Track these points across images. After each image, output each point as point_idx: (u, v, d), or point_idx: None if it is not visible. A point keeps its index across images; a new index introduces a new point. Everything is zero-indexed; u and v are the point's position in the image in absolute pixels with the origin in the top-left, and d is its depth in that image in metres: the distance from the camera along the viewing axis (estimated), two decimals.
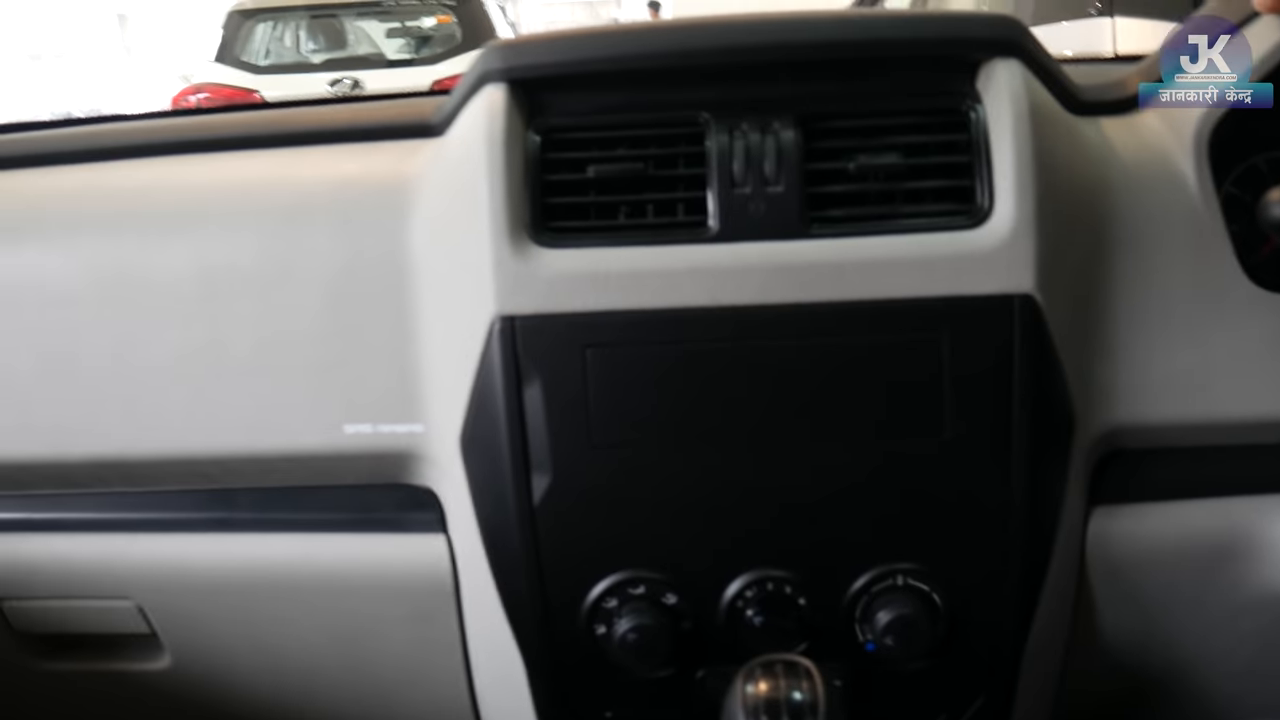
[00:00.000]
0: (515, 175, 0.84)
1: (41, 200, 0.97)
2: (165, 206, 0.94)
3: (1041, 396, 0.85)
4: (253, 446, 0.92)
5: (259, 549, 0.97)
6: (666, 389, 0.83)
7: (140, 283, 0.92)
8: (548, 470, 0.85)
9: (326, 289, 0.90)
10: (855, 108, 0.87)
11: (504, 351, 0.83)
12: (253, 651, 1.02)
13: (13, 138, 1.09)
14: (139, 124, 1.17)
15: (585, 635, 0.87)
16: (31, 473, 0.96)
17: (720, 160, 0.84)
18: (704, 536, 0.86)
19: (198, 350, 0.91)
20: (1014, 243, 0.82)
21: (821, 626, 0.87)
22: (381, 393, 0.90)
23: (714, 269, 0.82)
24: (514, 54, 0.88)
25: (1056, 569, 0.89)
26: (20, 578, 1.00)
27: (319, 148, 1.00)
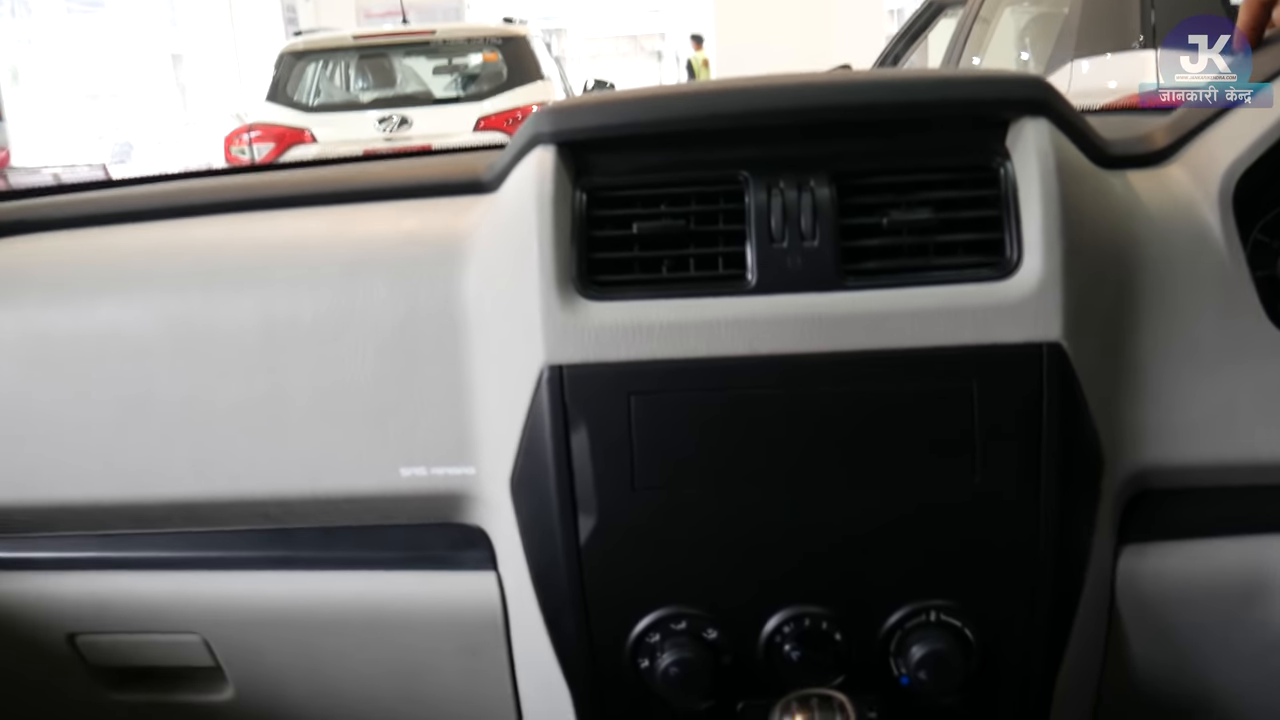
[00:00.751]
0: (563, 232, 0.89)
1: (120, 257, 1.03)
2: (233, 262, 1.00)
3: (1070, 440, 0.87)
4: (313, 488, 0.97)
5: (318, 586, 1.01)
6: (707, 434, 0.87)
7: (209, 335, 0.97)
8: (593, 511, 0.89)
9: (384, 339, 0.95)
10: (888, 165, 0.91)
11: (552, 399, 0.88)
12: (311, 683, 1.06)
13: (94, 196, 1.15)
14: (208, 181, 1.23)
15: (629, 668, 0.91)
16: (108, 513, 1.02)
17: (759, 216, 0.89)
18: (743, 574, 0.89)
19: (262, 398, 0.96)
20: (1042, 293, 0.86)
21: (857, 661, 0.90)
22: (436, 437, 0.95)
23: (753, 320, 0.86)
24: (563, 118, 0.93)
25: (1086, 606, 0.92)
26: (94, 613, 1.06)
27: (377, 204, 1.05)
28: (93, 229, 1.09)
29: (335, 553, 1.01)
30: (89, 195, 1.20)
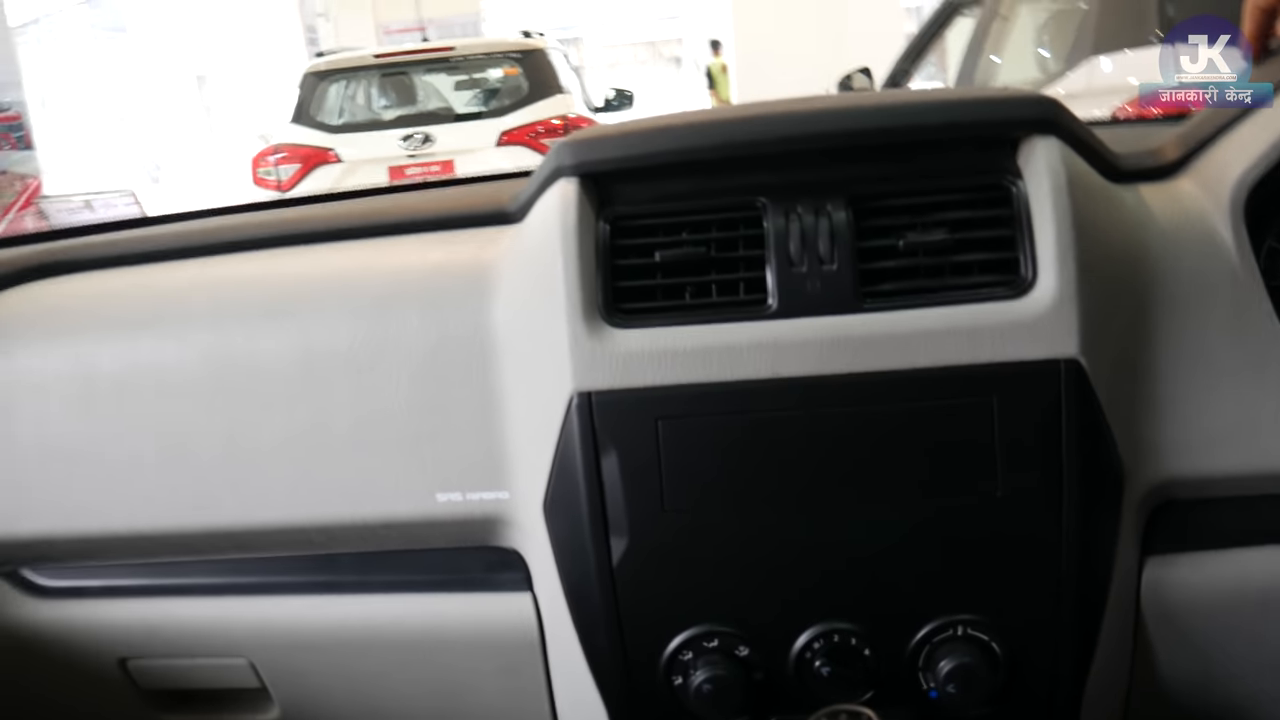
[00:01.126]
0: (588, 261, 0.92)
1: (158, 295, 1.07)
2: (269, 298, 1.03)
3: (1090, 454, 0.89)
4: (353, 515, 1.00)
5: (360, 609, 1.04)
6: (733, 455, 0.89)
7: (247, 370, 1.00)
8: (625, 532, 0.91)
9: (417, 368, 0.98)
10: (903, 188, 0.93)
11: (582, 424, 0.90)
12: (354, 703, 1.09)
13: (133, 235, 1.19)
14: (241, 218, 1.27)
15: (663, 686, 0.93)
16: (154, 542, 1.05)
17: (777, 241, 0.91)
18: (772, 592, 0.91)
19: (302, 430, 0.99)
20: (1058, 310, 0.87)
21: (886, 675, 0.92)
22: (470, 463, 0.98)
23: (774, 343, 0.88)
24: (584, 149, 0.96)
25: (1112, 617, 0.93)
26: (144, 638, 1.09)
27: (406, 237, 1.08)
28: (130, 268, 1.12)
29: (376, 576, 1.04)
30: (125, 234, 1.23)
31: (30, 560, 1.10)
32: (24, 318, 1.08)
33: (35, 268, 1.15)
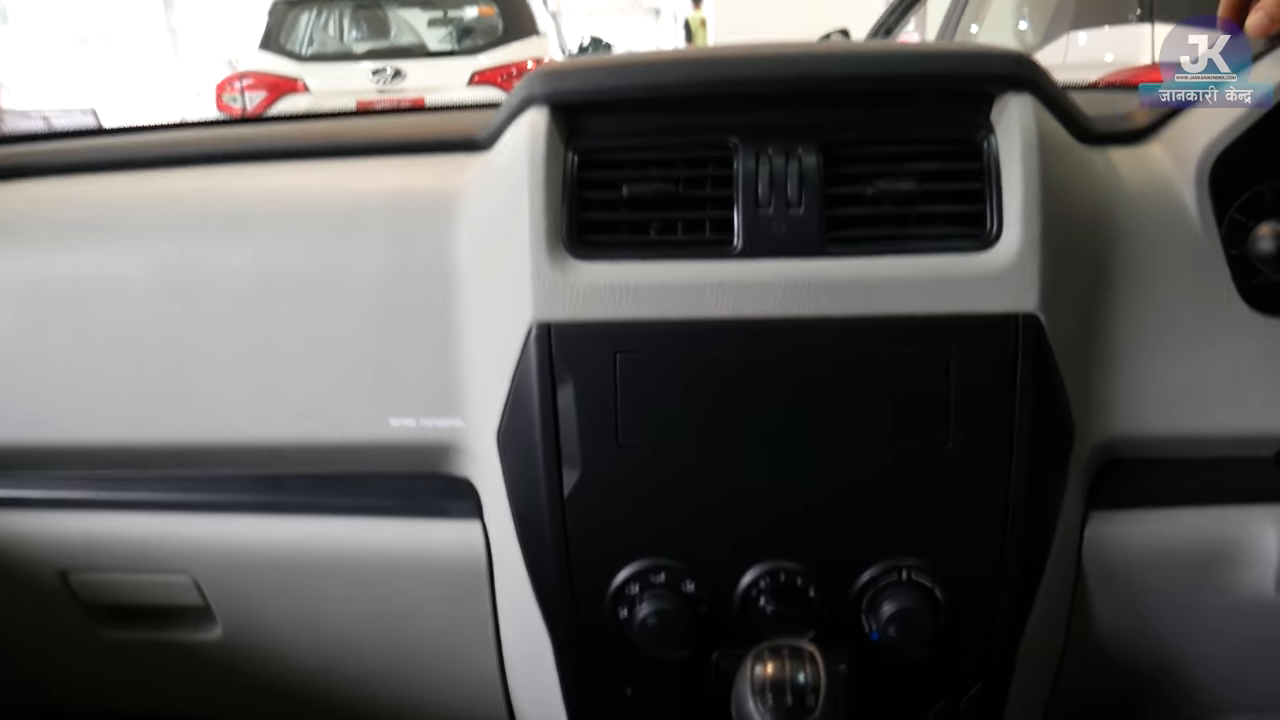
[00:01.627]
0: (555, 192, 0.91)
1: (116, 204, 1.04)
2: (228, 212, 1.01)
3: (1042, 408, 0.90)
4: (304, 436, 0.99)
5: (308, 531, 1.04)
6: (690, 393, 0.89)
7: (202, 283, 0.99)
8: (577, 465, 0.91)
9: (375, 292, 0.97)
10: (875, 136, 0.93)
11: (540, 355, 0.90)
12: (299, 625, 1.09)
13: (90, 143, 1.17)
14: (203, 132, 1.24)
15: (609, 618, 0.94)
16: (101, 455, 1.04)
17: (746, 182, 0.91)
18: (721, 530, 0.92)
19: (255, 346, 0.98)
20: (1020, 265, 0.88)
21: (829, 616, 0.93)
22: (425, 389, 0.97)
23: (737, 283, 0.88)
24: (556, 80, 0.95)
25: (1053, 569, 0.95)
26: (86, 551, 1.08)
27: (370, 159, 1.07)
28: (90, 176, 1.10)
29: (325, 499, 1.03)
30: (85, 143, 1.21)
31: None
32: None
33: None
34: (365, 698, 1.15)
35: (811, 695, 0.81)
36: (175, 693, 1.22)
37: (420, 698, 1.13)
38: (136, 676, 1.20)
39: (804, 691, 0.81)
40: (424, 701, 1.13)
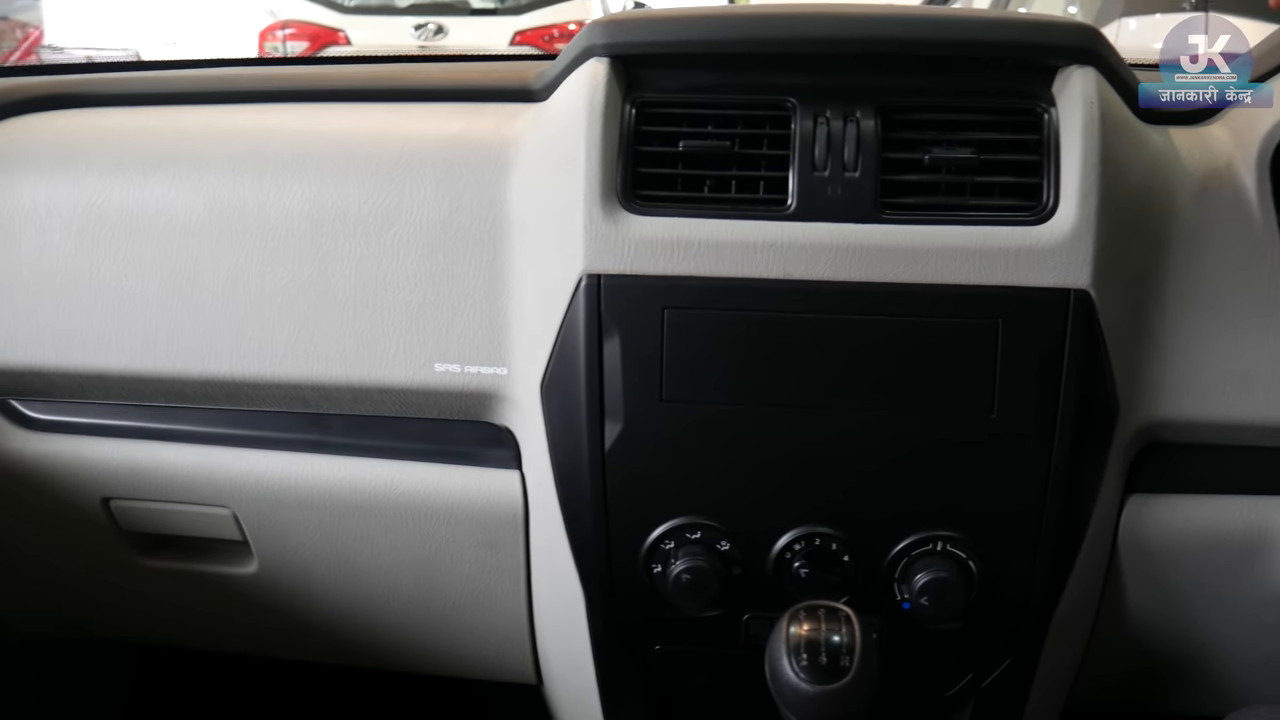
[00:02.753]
0: (611, 145, 0.91)
1: (173, 137, 1.05)
2: (283, 150, 1.01)
3: (1088, 387, 0.90)
4: (349, 377, 1.00)
5: (347, 471, 1.05)
6: (736, 353, 0.89)
7: (258, 219, 0.99)
8: (620, 419, 0.91)
9: (427, 237, 0.97)
10: (934, 103, 0.92)
11: (588, 307, 0.90)
12: (333, 564, 1.10)
13: (148, 75, 1.17)
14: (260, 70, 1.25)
15: (642, 573, 0.95)
16: (149, 386, 1.05)
17: (803, 144, 0.90)
18: (760, 491, 0.92)
19: (305, 285, 0.99)
20: (1074, 241, 0.87)
21: (862, 583, 0.93)
22: (471, 336, 0.97)
23: (789, 245, 0.88)
24: (618, 31, 0.94)
25: (1088, 549, 0.95)
26: (130, 480, 1.10)
27: (426, 105, 1.07)
28: (149, 108, 1.11)
29: (366, 440, 1.04)
30: (143, 75, 1.21)
31: (21, 391, 1.10)
32: (31, 146, 1.06)
33: (43, 98, 1.13)
34: (394, 640, 1.16)
35: (846, 656, 0.81)
36: (208, 625, 1.24)
37: (449, 644, 1.14)
38: (171, 607, 1.22)
39: (839, 652, 0.81)
40: (452, 648, 1.15)
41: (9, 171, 1.04)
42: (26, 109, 1.11)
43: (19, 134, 1.08)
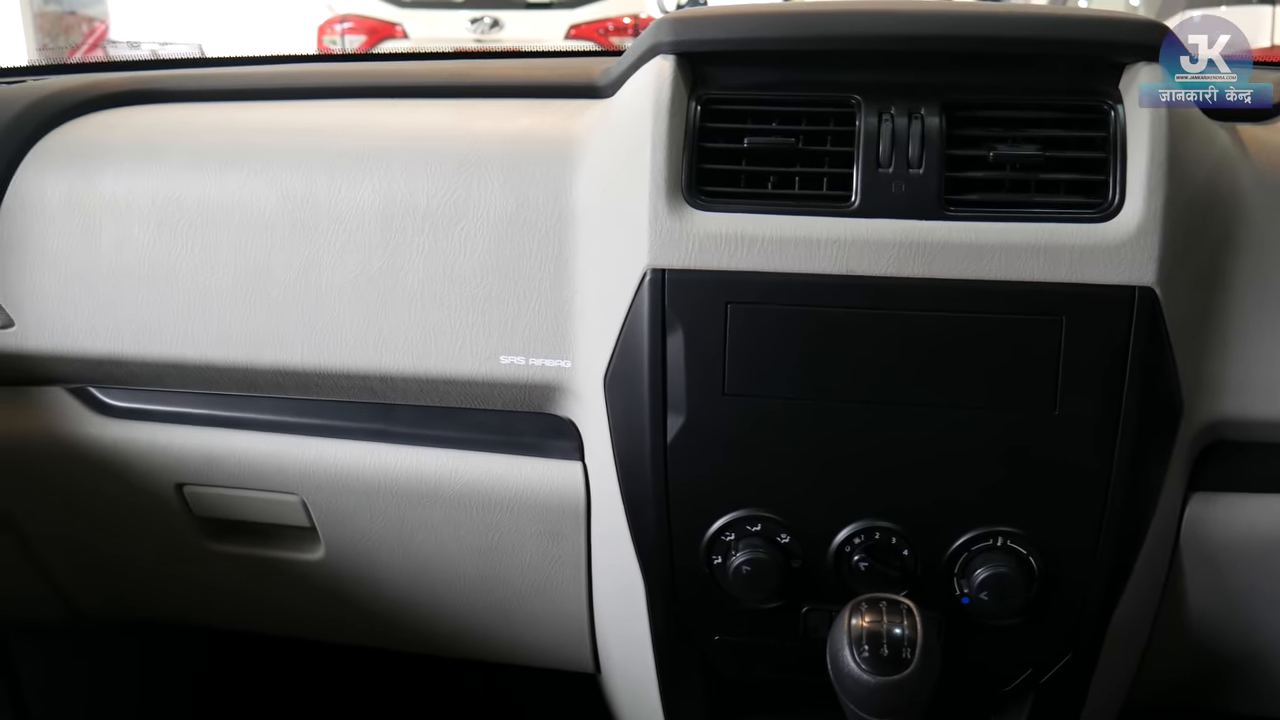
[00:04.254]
0: (676, 141, 0.92)
1: (247, 133, 1.08)
2: (354, 146, 1.04)
3: (1152, 384, 0.89)
4: (416, 368, 1.02)
5: (413, 460, 1.07)
6: (799, 348, 0.90)
7: (328, 213, 1.02)
8: (682, 412, 0.93)
9: (493, 231, 0.99)
10: (999, 99, 0.92)
11: (652, 301, 0.91)
12: (398, 551, 1.12)
13: (221, 72, 1.20)
14: (329, 66, 1.27)
15: (703, 564, 0.96)
16: (223, 375, 1.08)
17: (867, 140, 0.91)
18: (820, 485, 0.93)
19: (374, 277, 1.01)
20: (1140, 238, 0.87)
21: (922, 577, 0.94)
22: (536, 328, 0.99)
23: (853, 241, 0.89)
24: (684, 28, 0.95)
25: (1150, 547, 0.94)
26: (203, 466, 1.13)
27: (493, 101, 1.09)
28: (226, 104, 1.14)
29: (432, 430, 1.06)
30: (215, 71, 1.24)
31: (100, 379, 1.14)
32: (112, 141, 1.10)
33: (122, 94, 1.16)
34: (456, 628, 1.18)
35: (908, 648, 0.82)
36: (274, 609, 1.27)
37: (509, 632, 1.16)
38: (238, 591, 1.25)
39: (900, 644, 0.82)
40: (513, 636, 1.17)
41: (91, 166, 1.07)
42: (106, 104, 1.15)
43: (100, 129, 1.11)
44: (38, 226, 1.07)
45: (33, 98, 1.13)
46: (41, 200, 1.07)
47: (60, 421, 1.14)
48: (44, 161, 1.09)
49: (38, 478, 1.18)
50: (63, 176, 1.07)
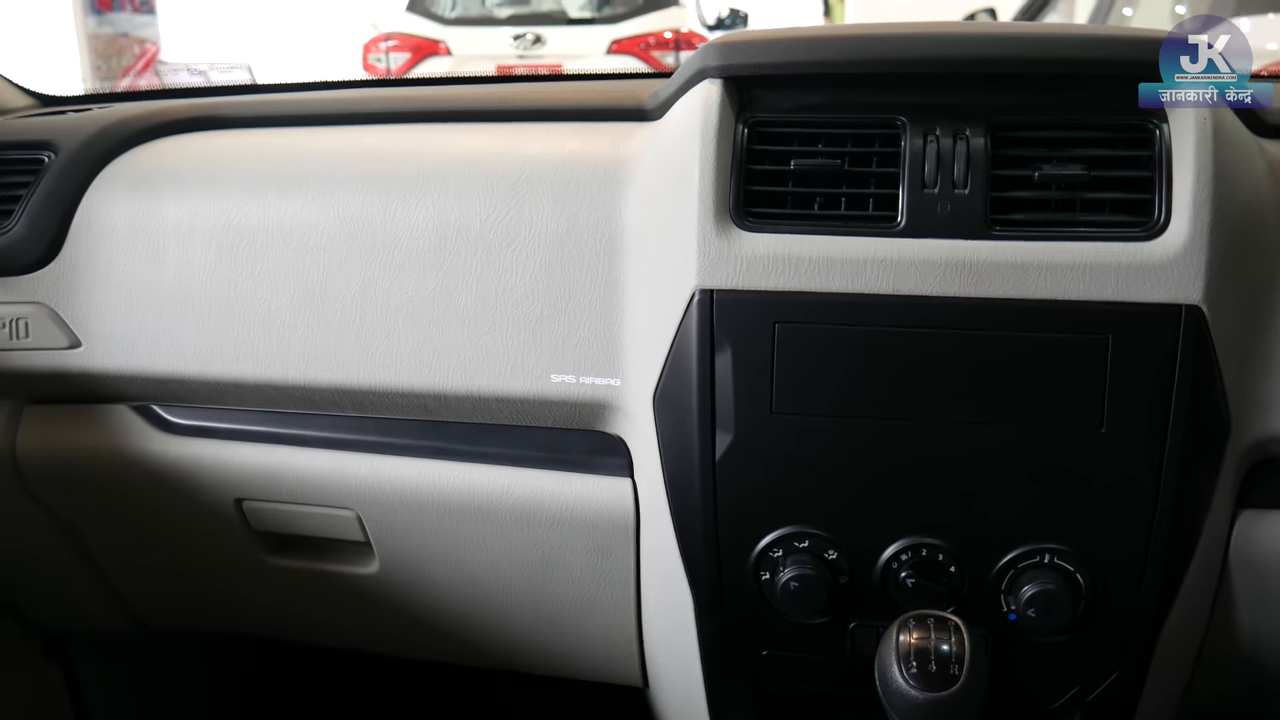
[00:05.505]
0: (724, 163, 0.94)
1: (305, 158, 1.11)
2: (409, 170, 1.06)
3: (1199, 402, 0.89)
4: (470, 386, 1.04)
5: (466, 476, 1.09)
6: (846, 366, 0.91)
7: (385, 235, 1.04)
8: (731, 430, 0.94)
9: (545, 253, 1.01)
10: (1044, 120, 0.93)
11: (701, 321, 0.93)
12: (451, 565, 1.15)
13: (279, 98, 1.23)
14: (382, 92, 1.30)
15: (751, 579, 0.97)
16: (282, 393, 1.11)
17: (913, 161, 0.92)
18: (867, 501, 0.94)
19: (428, 298, 1.04)
20: (1187, 256, 0.87)
21: (969, 594, 0.94)
22: (586, 348, 1.01)
23: (899, 261, 0.90)
24: (731, 53, 0.97)
25: (1198, 565, 0.94)
26: (261, 482, 1.16)
27: (543, 125, 1.11)
28: (279, 130, 1.17)
29: (484, 447, 1.09)
30: (273, 98, 1.28)
31: (162, 397, 1.17)
32: (175, 166, 1.13)
33: (184, 120, 1.20)
34: (507, 641, 1.20)
35: (956, 665, 0.82)
36: (328, 621, 1.29)
37: (559, 645, 1.18)
38: (294, 603, 1.28)
39: (948, 660, 0.83)
40: (563, 650, 1.18)
41: (156, 191, 1.10)
42: (169, 131, 1.19)
43: (163, 156, 1.15)
44: (104, 250, 1.11)
45: (99, 125, 1.17)
46: (108, 224, 1.11)
47: (125, 438, 1.18)
48: (110, 187, 1.13)
49: (102, 492, 1.21)
50: (128, 201, 1.11)
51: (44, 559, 1.30)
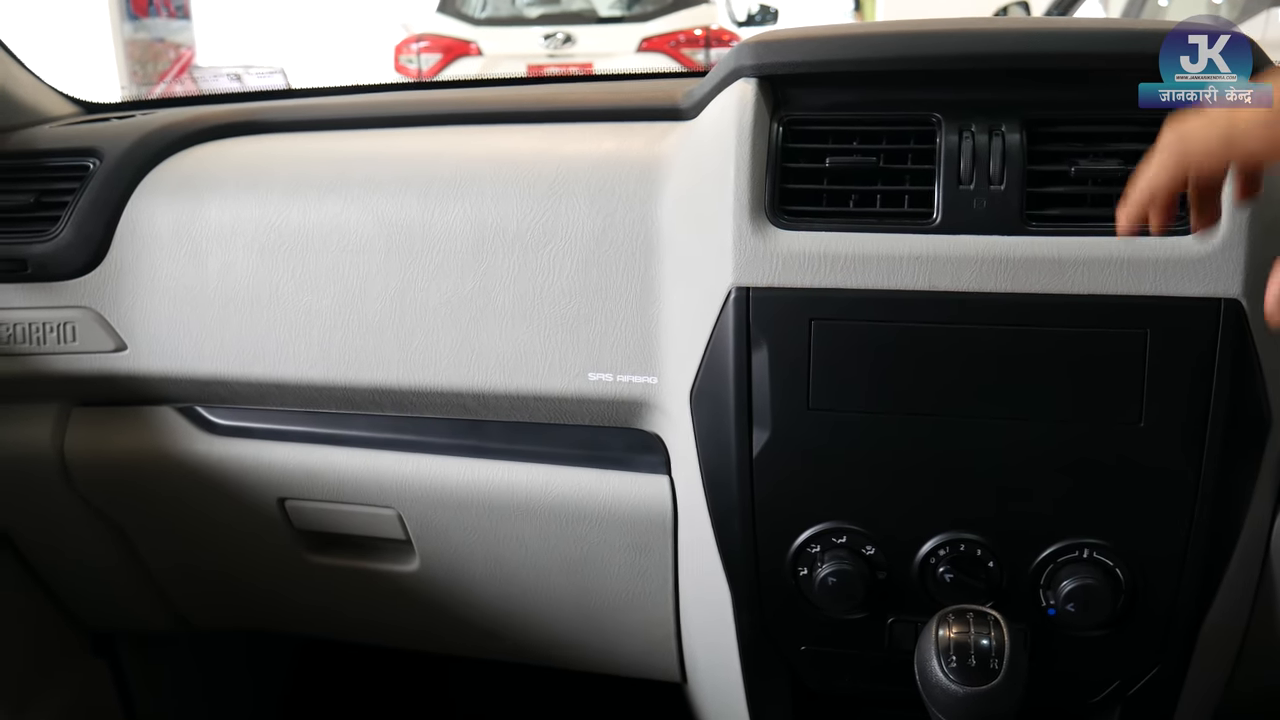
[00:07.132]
0: (759, 162, 0.94)
1: (344, 162, 1.12)
2: (446, 172, 1.07)
3: (1239, 396, 0.89)
4: (508, 385, 1.06)
5: (504, 475, 1.10)
6: (882, 362, 0.92)
7: (422, 237, 1.06)
8: (768, 426, 0.95)
9: (581, 252, 1.02)
10: (1080, 115, 0.93)
11: (737, 318, 0.93)
12: (490, 563, 1.16)
13: (317, 103, 1.25)
14: (418, 95, 1.32)
15: (789, 575, 0.97)
16: (323, 394, 1.12)
17: (948, 158, 0.92)
18: (905, 497, 0.94)
19: (467, 298, 1.05)
20: (1225, 250, 0.87)
21: (1007, 588, 0.94)
22: (623, 346, 1.02)
23: (935, 257, 0.90)
24: (766, 52, 0.98)
25: (1239, 559, 0.94)
26: (303, 481, 1.17)
27: (578, 125, 1.12)
28: (318, 134, 1.19)
29: (522, 446, 1.10)
30: (311, 102, 1.29)
31: (206, 399, 1.19)
32: (216, 171, 1.15)
33: (225, 125, 1.22)
34: (546, 637, 1.21)
35: (995, 659, 0.83)
36: (370, 619, 1.31)
37: (598, 642, 1.19)
38: (336, 601, 1.30)
39: (988, 655, 0.83)
40: (601, 646, 1.19)
41: (198, 195, 1.12)
42: (211, 136, 1.21)
43: (206, 160, 1.17)
44: (148, 254, 1.13)
45: (142, 132, 1.19)
46: (152, 229, 1.13)
47: (169, 439, 1.20)
48: (154, 192, 1.15)
49: (149, 493, 1.23)
50: (171, 206, 1.13)
51: (92, 560, 1.33)
